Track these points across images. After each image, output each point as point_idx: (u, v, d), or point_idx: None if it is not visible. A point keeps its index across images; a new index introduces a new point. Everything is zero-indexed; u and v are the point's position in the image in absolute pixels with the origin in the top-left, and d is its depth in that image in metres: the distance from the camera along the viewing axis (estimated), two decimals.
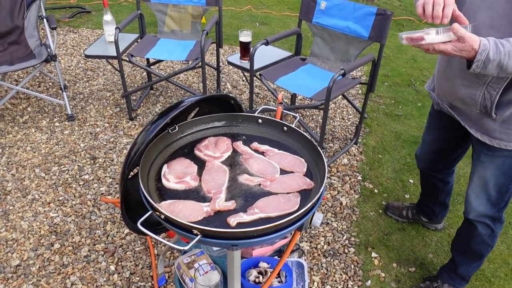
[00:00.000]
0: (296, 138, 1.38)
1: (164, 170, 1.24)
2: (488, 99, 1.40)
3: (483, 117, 1.47)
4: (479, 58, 1.17)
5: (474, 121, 1.53)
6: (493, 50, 1.16)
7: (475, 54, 1.16)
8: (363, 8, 2.54)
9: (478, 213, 1.65)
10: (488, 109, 1.42)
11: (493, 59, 1.16)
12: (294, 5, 6.22)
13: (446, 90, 1.56)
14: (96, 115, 3.13)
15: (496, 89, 1.36)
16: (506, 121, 1.43)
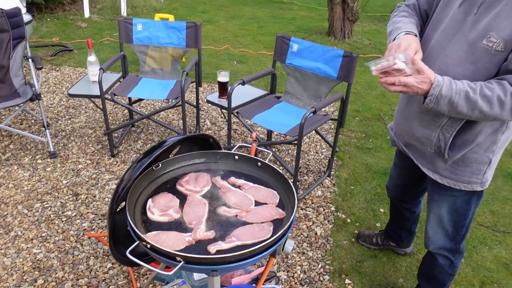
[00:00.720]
0: (269, 172, 1.52)
1: (149, 204, 1.35)
2: (442, 140, 1.50)
3: (436, 157, 1.58)
4: (433, 93, 1.29)
5: (428, 160, 1.63)
6: (446, 86, 1.28)
7: (429, 89, 1.29)
8: (331, 51, 2.76)
9: (437, 246, 1.80)
10: (441, 150, 1.52)
11: (445, 95, 1.28)
12: (270, 44, 6.52)
13: (404, 129, 1.67)
14: (78, 152, 3.22)
15: (450, 132, 1.47)
16: (457, 162, 1.53)
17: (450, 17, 1.42)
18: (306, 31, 7.62)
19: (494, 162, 1.54)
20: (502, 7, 1.28)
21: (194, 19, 7.88)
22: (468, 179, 1.55)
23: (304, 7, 10.50)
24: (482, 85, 1.28)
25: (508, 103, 1.25)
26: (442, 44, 1.43)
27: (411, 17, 1.60)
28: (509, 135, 1.50)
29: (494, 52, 1.28)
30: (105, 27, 6.96)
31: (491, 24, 1.29)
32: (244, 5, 10.11)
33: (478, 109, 1.28)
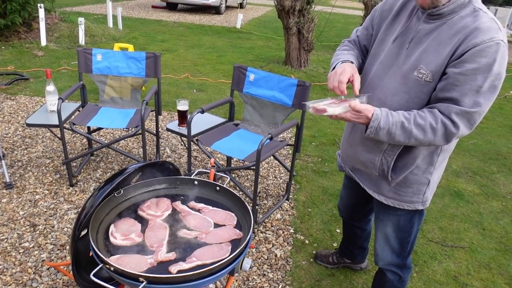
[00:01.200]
0: (227, 196, 1.61)
1: (112, 229, 1.40)
2: (385, 163, 1.62)
3: (380, 179, 1.69)
4: (372, 125, 1.41)
5: (373, 183, 1.74)
6: (383, 119, 1.40)
7: (369, 122, 1.42)
8: (286, 80, 2.92)
9: (385, 262, 1.92)
10: (385, 173, 1.63)
11: (383, 127, 1.40)
12: (229, 72, 6.68)
13: (350, 154, 1.79)
14: (35, 182, 3.18)
15: (391, 156, 1.59)
16: (399, 184, 1.65)
17: (386, 52, 1.57)
18: (264, 60, 7.87)
19: (433, 182, 1.67)
20: (429, 42, 1.43)
21: (153, 48, 8.00)
22: (410, 199, 1.68)
23: (262, 36, 10.84)
24: (415, 114, 1.41)
25: (440, 129, 1.38)
26: (380, 76, 1.57)
27: (352, 50, 1.75)
28: (445, 157, 1.64)
29: (424, 82, 1.42)
30: (62, 55, 6.93)
31: (420, 58, 1.44)
32: (203, 34, 10.32)
33: (413, 137, 1.41)
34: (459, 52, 1.34)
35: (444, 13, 1.41)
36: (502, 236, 3.07)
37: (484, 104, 1.35)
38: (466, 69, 1.32)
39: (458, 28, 1.38)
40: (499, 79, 1.34)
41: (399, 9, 1.59)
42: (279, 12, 6.93)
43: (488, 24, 1.34)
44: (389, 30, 1.60)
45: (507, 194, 3.71)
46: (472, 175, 4.01)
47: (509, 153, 4.68)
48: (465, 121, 1.37)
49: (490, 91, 1.34)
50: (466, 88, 1.33)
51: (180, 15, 13.60)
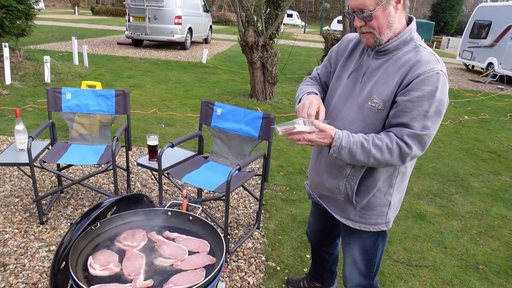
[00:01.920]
0: (200, 225, 1.70)
1: (90, 260, 1.46)
2: (349, 188, 1.74)
3: (346, 204, 1.81)
4: (335, 144, 1.54)
5: (340, 208, 1.86)
6: (345, 139, 1.53)
7: (332, 141, 1.54)
8: (252, 113, 3.07)
9: (353, 284, 2.04)
10: (350, 197, 1.76)
11: (344, 146, 1.53)
12: (196, 107, 6.82)
13: (316, 182, 1.90)
14: (4, 221, 3.15)
15: (354, 180, 1.72)
16: (364, 207, 1.78)
17: (343, 86, 1.75)
18: (230, 94, 8.07)
19: (394, 204, 1.80)
20: (379, 75, 1.61)
21: (120, 85, 8.07)
22: (374, 221, 1.80)
23: (227, 71, 11.10)
24: (373, 136, 1.55)
25: (395, 150, 1.52)
26: (338, 108, 1.73)
27: (314, 85, 1.92)
28: (403, 179, 1.77)
29: (377, 111, 1.59)
30: (27, 93, 6.89)
31: (373, 89, 1.61)
32: (169, 70, 10.47)
33: (372, 156, 1.54)
34: (405, 82, 1.51)
35: (389, 49, 1.60)
36: (462, 253, 3.25)
37: (432, 127, 1.51)
38: (413, 97, 1.48)
39: (402, 62, 1.56)
40: (442, 105, 1.50)
41: (352, 48, 1.78)
42: (243, 48, 7.19)
43: (428, 57, 1.52)
44: (344, 67, 1.78)
45: (465, 213, 3.93)
46: (433, 197, 4.23)
47: (466, 174, 4.96)
48: (416, 143, 1.51)
49: (436, 115, 1.50)
50: (415, 113, 1.49)
51: (146, 51, 13.77)
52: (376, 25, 1.54)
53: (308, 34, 32.65)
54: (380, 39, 1.57)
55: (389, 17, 1.53)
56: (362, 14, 1.53)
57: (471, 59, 15.81)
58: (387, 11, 1.52)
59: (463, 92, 11.13)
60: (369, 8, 1.51)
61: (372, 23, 1.54)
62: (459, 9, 45.30)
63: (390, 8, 1.52)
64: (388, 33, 1.56)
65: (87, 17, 33.13)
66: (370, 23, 1.54)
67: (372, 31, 1.56)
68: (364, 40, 1.62)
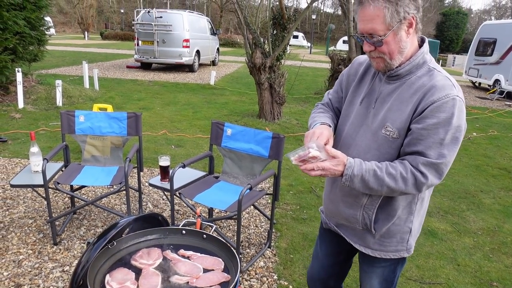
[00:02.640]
0: (214, 243, 1.73)
1: (107, 278, 1.49)
2: (367, 218, 1.67)
3: (365, 233, 1.73)
4: (347, 173, 1.48)
5: (358, 237, 1.77)
6: (357, 166, 1.48)
7: (344, 170, 1.48)
8: (261, 133, 3.12)
9: None
10: (368, 226, 1.68)
11: (357, 174, 1.47)
12: (205, 128, 6.90)
13: (332, 211, 1.83)
14: (18, 242, 3.19)
15: (371, 209, 1.64)
16: (383, 235, 1.70)
17: (355, 113, 1.68)
18: (239, 114, 8.15)
19: (414, 230, 1.72)
20: (392, 101, 1.54)
21: (130, 107, 8.19)
22: (395, 248, 1.72)
23: (235, 92, 11.22)
24: (387, 164, 1.50)
25: (410, 179, 1.45)
26: (352, 135, 1.67)
27: (326, 112, 1.85)
28: (423, 205, 1.70)
29: (391, 139, 1.52)
30: (40, 117, 7.03)
31: (386, 116, 1.54)
32: (178, 92, 10.62)
33: (386, 185, 1.47)
34: (420, 109, 1.45)
35: (401, 74, 1.53)
36: (476, 270, 3.22)
37: (449, 155, 1.44)
38: (427, 124, 1.42)
39: (416, 87, 1.49)
40: (459, 131, 1.44)
41: (363, 72, 1.72)
42: (250, 69, 7.30)
43: (442, 82, 1.45)
44: (356, 92, 1.72)
45: (477, 230, 3.91)
46: (444, 214, 4.21)
47: (476, 191, 4.94)
48: (433, 172, 1.45)
49: (453, 142, 1.44)
50: (430, 141, 1.43)
51: (155, 74, 13.99)
52: (386, 51, 1.48)
53: (314, 54, 32.97)
54: (391, 64, 1.52)
55: (400, 42, 1.47)
56: (371, 39, 1.47)
57: (477, 76, 15.85)
58: (398, 36, 1.46)
59: (470, 109, 11.13)
60: (379, 33, 1.44)
61: (382, 49, 1.48)
62: (464, 27, 45.63)
63: (401, 33, 1.46)
64: (400, 58, 1.51)
65: (97, 42, 33.81)
66: (380, 49, 1.48)
67: (382, 56, 1.50)
68: (374, 65, 1.57)
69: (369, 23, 1.44)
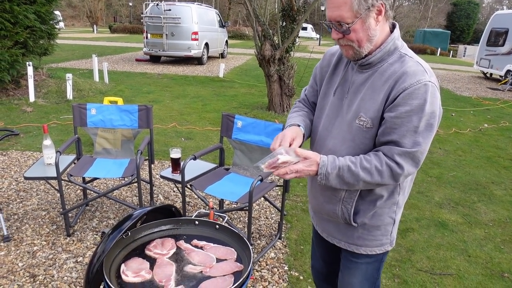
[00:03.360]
0: (227, 233, 1.75)
1: (122, 268, 1.52)
2: (345, 212, 1.61)
3: (348, 227, 1.67)
4: (321, 172, 1.45)
5: (342, 233, 1.71)
6: (330, 164, 1.45)
7: (318, 169, 1.45)
8: (272, 125, 3.12)
9: None
10: (348, 220, 1.63)
11: (331, 172, 1.45)
12: (215, 120, 6.91)
13: (315, 206, 1.78)
14: (32, 234, 3.25)
15: (350, 203, 1.60)
16: (367, 228, 1.64)
17: (330, 105, 1.64)
18: (248, 107, 8.15)
19: (397, 220, 1.69)
20: (365, 91, 1.50)
21: (140, 100, 8.23)
22: (380, 242, 1.68)
23: (244, 84, 11.21)
24: (361, 158, 1.46)
25: (385, 171, 1.42)
26: (328, 127, 1.63)
27: (301, 110, 1.81)
28: (405, 195, 1.67)
29: (365, 129, 1.48)
30: (51, 110, 7.09)
31: (359, 106, 1.50)
32: (187, 85, 10.64)
33: (361, 179, 1.44)
34: (392, 97, 1.41)
35: (373, 62, 1.49)
36: (487, 261, 3.22)
37: (424, 142, 1.41)
38: (400, 112, 1.39)
39: (388, 74, 1.45)
40: (433, 117, 1.40)
41: (336, 63, 1.68)
42: (260, 61, 7.29)
43: (414, 68, 1.41)
44: (329, 83, 1.68)
45: (488, 221, 3.89)
46: (454, 206, 4.20)
47: (487, 183, 4.91)
48: (409, 161, 1.42)
49: (427, 129, 1.40)
50: (404, 129, 1.39)
51: (164, 67, 14.02)
52: (355, 38, 1.43)
53: (323, 46, 32.76)
54: (360, 52, 1.47)
55: (369, 30, 1.42)
56: (339, 28, 1.43)
57: (489, 67, 15.66)
58: (366, 24, 1.41)
59: (482, 100, 11.02)
60: (347, 21, 1.39)
61: (350, 36, 1.43)
62: (475, 17, 45.02)
63: (370, 21, 1.41)
64: (369, 46, 1.46)
65: (106, 35, 33.91)
66: (348, 36, 1.44)
67: (351, 43, 1.45)
68: (344, 52, 1.53)
69: (337, 10, 1.40)
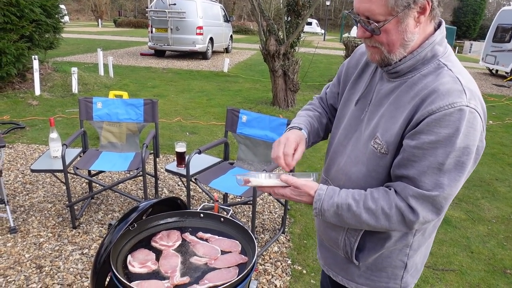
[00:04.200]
0: (231, 226, 1.77)
1: (129, 259, 1.54)
2: (348, 245, 1.35)
3: (348, 262, 1.41)
4: (316, 207, 1.21)
5: (340, 267, 1.45)
6: (326, 200, 1.19)
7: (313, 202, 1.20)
8: (276, 120, 3.14)
9: None
10: (349, 255, 1.36)
11: (327, 209, 1.19)
12: (219, 115, 6.93)
13: (318, 229, 1.55)
14: (38, 226, 3.29)
15: (354, 236, 1.32)
16: (370, 268, 1.37)
17: (350, 115, 1.35)
18: (252, 102, 8.16)
19: (412, 265, 1.36)
20: (388, 106, 1.19)
21: (144, 94, 8.26)
22: (385, 285, 1.38)
23: (248, 79, 11.21)
24: (367, 196, 1.18)
25: (394, 216, 1.13)
26: (343, 142, 1.36)
27: (314, 110, 1.57)
28: (425, 237, 1.33)
29: (380, 154, 1.19)
30: (56, 104, 7.13)
31: (378, 124, 1.20)
32: (192, 79, 10.66)
33: (364, 222, 1.17)
34: (415, 120, 1.10)
35: (401, 71, 1.17)
36: (490, 258, 3.23)
37: (449, 185, 1.08)
38: (422, 142, 1.07)
39: (418, 89, 1.13)
40: (466, 154, 1.07)
41: (365, 64, 1.36)
42: (264, 56, 7.29)
43: (448, 86, 1.07)
44: (353, 89, 1.38)
45: (492, 218, 3.90)
46: (458, 202, 4.20)
47: (491, 179, 4.91)
48: (427, 205, 1.10)
49: (456, 169, 1.08)
50: (425, 165, 1.08)
51: (169, 62, 14.04)
52: (385, 41, 1.12)
53: (328, 41, 32.67)
54: (389, 59, 1.16)
55: (405, 33, 1.10)
56: (367, 25, 1.12)
57: (494, 63, 15.57)
58: (403, 25, 1.09)
59: (487, 96, 10.97)
60: (378, 19, 1.08)
61: (379, 38, 1.12)
62: (482, 13, 44.71)
63: (408, 21, 1.09)
64: (402, 52, 1.14)
65: (110, 29, 33.94)
66: (377, 38, 1.13)
67: (379, 46, 1.15)
68: (369, 55, 1.21)
69: (367, 1, 1.09)
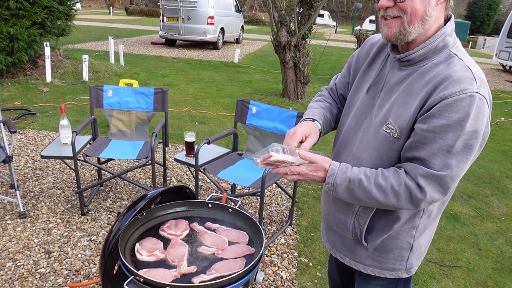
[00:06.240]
0: (239, 217, 1.77)
1: (137, 247, 1.55)
2: (357, 227, 1.41)
3: (356, 244, 1.48)
4: (329, 181, 1.26)
5: (348, 249, 1.52)
6: (340, 175, 1.25)
7: (326, 177, 1.25)
8: (286, 112, 3.12)
9: None
10: (358, 237, 1.43)
11: (340, 184, 1.25)
12: (229, 106, 6.92)
13: (325, 213, 1.61)
14: (48, 211, 3.32)
15: (363, 218, 1.39)
16: (377, 249, 1.44)
17: (359, 102, 1.43)
18: (262, 93, 8.14)
19: (417, 247, 1.45)
20: (399, 93, 1.27)
21: (154, 83, 8.27)
22: (392, 266, 1.46)
23: (259, 70, 11.17)
24: (378, 173, 1.25)
25: (403, 193, 1.21)
26: (353, 129, 1.42)
27: (324, 101, 1.62)
28: (430, 220, 1.42)
29: (392, 139, 1.26)
30: (67, 91, 7.17)
31: (390, 110, 1.28)
32: (202, 69, 10.64)
33: (374, 198, 1.24)
34: (428, 105, 1.18)
35: (413, 60, 1.26)
36: (497, 255, 3.20)
37: (457, 166, 1.16)
38: (434, 126, 1.15)
39: (429, 77, 1.21)
40: (474, 138, 1.15)
41: (375, 54, 1.45)
42: (275, 48, 7.25)
43: (460, 74, 1.16)
44: (364, 78, 1.46)
45: (501, 216, 3.86)
46: (467, 199, 4.17)
47: (502, 177, 4.86)
48: (435, 185, 1.18)
49: (464, 151, 1.16)
50: (435, 147, 1.16)
51: (179, 51, 14.02)
52: (409, 9, 1.17)
53: (340, 34, 32.40)
54: (407, 32, 1.21)
55: (427, 6, 1.18)
56: None
57: (508, 60, 15.34)
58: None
59: (499, 93, 10.83)
60: None
61: (404, 5, 1.17)
62: (496, 8, 43.96)
63: None
64: (419, 28, 1.21)
65: (122, 17, 33.95)
66: (401, 5, 1.18)
67: (401, 15, 1.19)
68: (385, 30, 1.25)
69: None
